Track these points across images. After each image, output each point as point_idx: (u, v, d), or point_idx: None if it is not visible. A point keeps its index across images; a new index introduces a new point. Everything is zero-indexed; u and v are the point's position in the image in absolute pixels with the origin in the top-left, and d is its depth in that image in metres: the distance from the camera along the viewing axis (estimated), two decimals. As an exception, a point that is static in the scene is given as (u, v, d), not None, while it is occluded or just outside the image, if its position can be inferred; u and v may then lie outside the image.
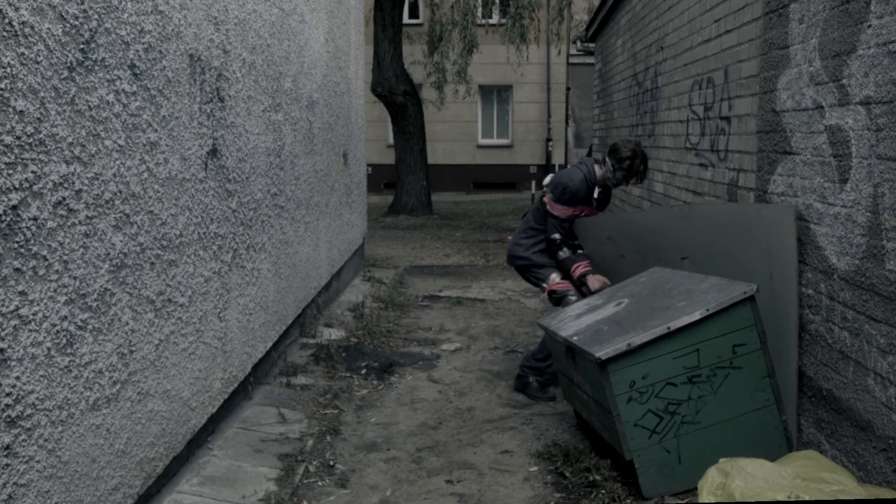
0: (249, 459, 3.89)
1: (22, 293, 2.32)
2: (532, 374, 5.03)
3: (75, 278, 2.61)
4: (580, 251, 4.97)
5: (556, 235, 4.95)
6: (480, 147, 22.77)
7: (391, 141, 17.75)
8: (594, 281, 4.73)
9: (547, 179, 5.12)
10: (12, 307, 2.27)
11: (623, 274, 4.70)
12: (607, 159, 4.87)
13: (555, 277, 4.93)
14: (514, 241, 5.19)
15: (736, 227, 3.97)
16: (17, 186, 2.28)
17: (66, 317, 2.55)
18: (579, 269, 4.84)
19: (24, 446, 2.33)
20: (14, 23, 2.25)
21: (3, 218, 2.22)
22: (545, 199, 5.04)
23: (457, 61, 16.89)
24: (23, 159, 2.30)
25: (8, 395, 2.25)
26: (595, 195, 4.95)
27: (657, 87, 6.76)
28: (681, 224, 4.42)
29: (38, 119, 2.38)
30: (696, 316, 3.42)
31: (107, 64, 2.81)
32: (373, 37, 14.71)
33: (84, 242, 2.66)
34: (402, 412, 4.79)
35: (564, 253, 4.92)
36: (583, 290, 4.85)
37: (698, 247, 4.27)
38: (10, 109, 2.24)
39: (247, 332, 4.54)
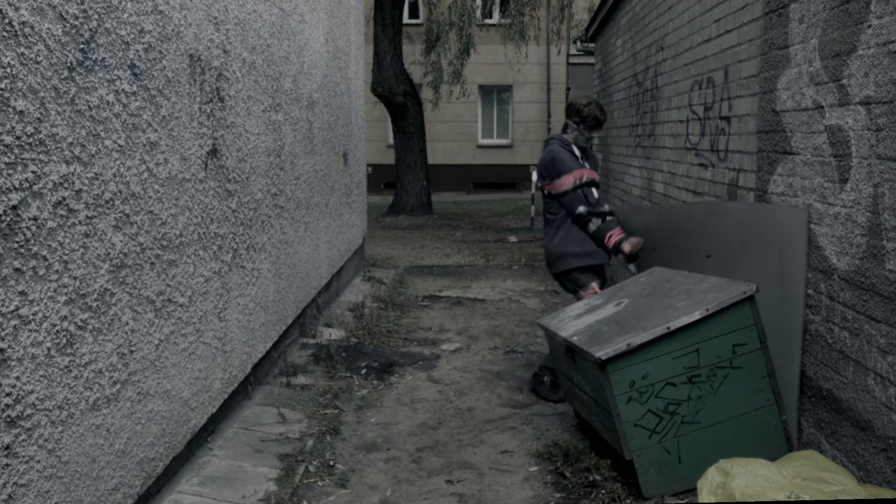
0: (249, 459, 3.89)
1: (22, 293, 2.32)
2: (549, 373, 4.99)
3: (75, 278, 2.61)
4: (609, 217, 4.91)
5: (581, 209, 4.88)
6: (480, 147, 22.77)
7: (391, 141, 17.75)
8: (628, 245, 4.73)
9: (535, 175, 5.25)
10: (12, 307, 2.27)
11: (654, 266, 4.70)
12: (568, 121, 5.08)
13: (595, 286, 4.90)
14: (546, 244, 5.14)
15: (752, 227, 3.97)
16: (17, 186, 2.28)
17: (66, 317, 2.55)
18: (613, 237, 4.81)
19: (24, 446, 2.33)
20: (14, 23, 2.25)
21: (3, 218, 2.22)
22: (546, 189, 5.05)
23: (453, 62, 16.88)
24: (23, 159, 2.30)
25: (8, 395, 2.25)
26: (578, 155, 5.05)
27: (657, 87, 6.76)
28: (706, 221, 4.40)
29: (38, 119, 2.38)
30: (696, 316, 3.42)
31: (107, 64, 2.81)
32: (373, 37, 14.72)
33: (84, 242, 2.66)
34: (402, 412, 4.79)
35: (594, 224, 4.87)
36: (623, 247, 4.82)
37: (721, 245, 4.25)
38: (10, 109, 2.24)
39: (247, 332, 4.54)
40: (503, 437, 4.38)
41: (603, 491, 3.55)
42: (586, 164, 5.07)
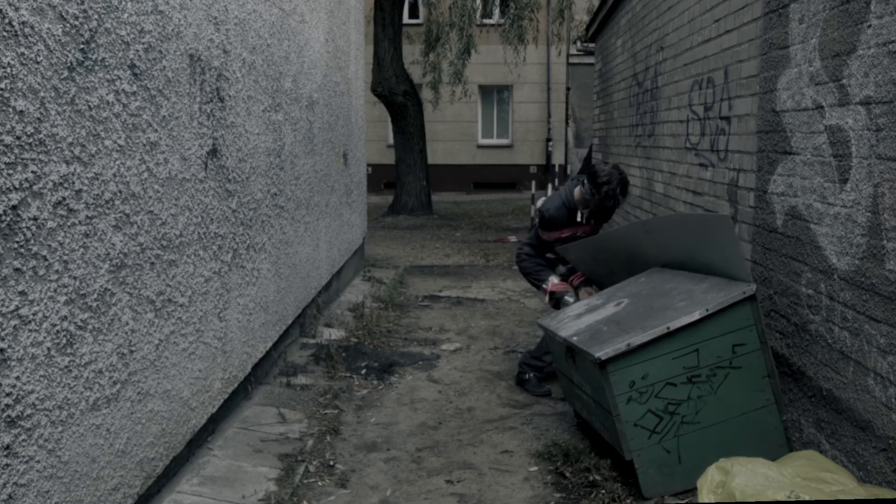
0: (249, 459, 3.89)
1: (22, 293, 2.32)
2: (529, 370, 5.20)
3: (75, 278, 2.61)
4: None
5: (550, 255, 5.31)
6: (480, 147, 22.76)
7: (391, 141, 17.74)
8: (584, 294, 5.05)
9: (539, 202, 5.33)
10: (12, 307, 2.27)
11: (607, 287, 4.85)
12: (586, 183, 4.87)
13: (553, 280, 5.17)
14: (519, 248, 5.43)
15: (690, 236, 4.02)
16: (17, 186, 2.28)
17: (66, 317, 2.55)
18: (574, 280, 5.19)
19: (24, 446, 2.33)
20: (14, 23, 2.25)
21: (3, 218, 2.22)
22: (536, 222, 5.29)
23: (453, 62, 16.86)
24: (23, 159, 2.30)
25: (8, 395, 2.26)
26: (580, 218, 5.01)
27: (657, 87, 6.76)
28: (647, 238, 4.48)
29: (38, 119, 2.38)
30: (696, 316, 3.42)
31: (107, 64, 2.81)
32: (373, 37, 14.71)
33: (84, 242, 2.66)
34: (402, 412, 4.79)
35: (562, 269, 5.27)
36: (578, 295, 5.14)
37: (664, 257, 4.31)
38: (10, 109, 2.24)
39: (247, 332, 4.54)
40: (503, 437, 4.38)
41: (603, 491, 3.55)
42: (583, 221, 5.03)
